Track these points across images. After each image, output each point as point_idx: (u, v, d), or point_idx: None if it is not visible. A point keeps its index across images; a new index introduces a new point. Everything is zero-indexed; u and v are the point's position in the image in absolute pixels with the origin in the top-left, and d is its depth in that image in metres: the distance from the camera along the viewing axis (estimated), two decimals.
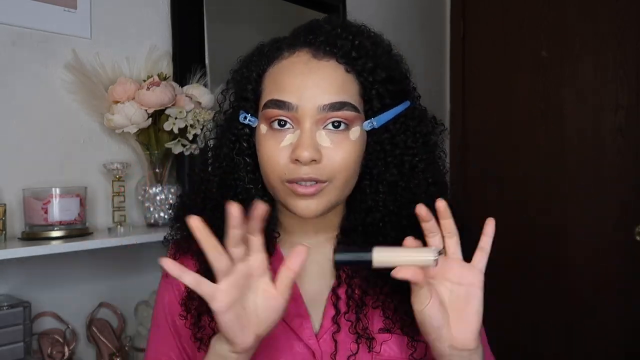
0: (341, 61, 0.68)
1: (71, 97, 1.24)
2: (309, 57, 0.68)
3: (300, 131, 0.66)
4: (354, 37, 0.69)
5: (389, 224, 0.70)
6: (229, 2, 1.52)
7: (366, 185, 0.71)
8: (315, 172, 0.66)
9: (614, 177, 1.98)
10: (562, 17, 2.09)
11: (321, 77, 0.67)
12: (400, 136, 0.71)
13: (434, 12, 2.37)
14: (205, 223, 0.65)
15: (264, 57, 0.71)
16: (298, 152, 0.65)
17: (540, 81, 2.15)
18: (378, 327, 0.71)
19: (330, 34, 0.69)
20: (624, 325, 1.95)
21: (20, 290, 1.16)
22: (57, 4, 1.21)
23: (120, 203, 1.25)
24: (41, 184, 1.15)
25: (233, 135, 0.73)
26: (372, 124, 0.69)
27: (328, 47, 0.68)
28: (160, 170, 1.29)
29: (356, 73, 0.69)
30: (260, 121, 0.70)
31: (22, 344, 1.06)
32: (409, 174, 0.71)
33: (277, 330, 0.69)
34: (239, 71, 0.75)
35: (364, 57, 0.68)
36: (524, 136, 2.19)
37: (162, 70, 1.31)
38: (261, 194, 0.72)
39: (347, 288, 0.71)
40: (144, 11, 1.37)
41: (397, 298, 0.69)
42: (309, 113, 0.66)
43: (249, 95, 0.72)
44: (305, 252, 0.59)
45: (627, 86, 1.96)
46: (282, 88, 0.67)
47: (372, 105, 0.70)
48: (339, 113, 0.66)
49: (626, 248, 1.93)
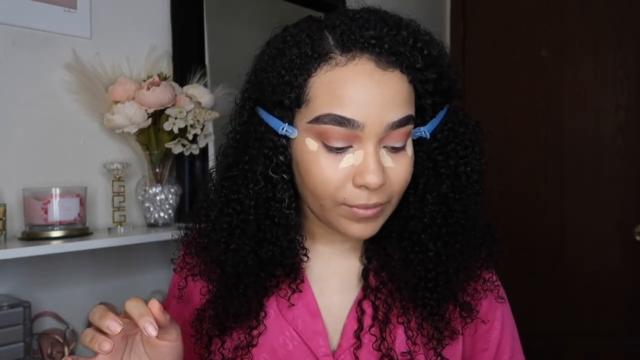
0: (405, 72, 0.60)
1: (71, 97, 1.24)
2: (372, 67, 0.59)
3: (363, 152, 0.59)
4: (421, 45, 0.61)
5: (430, 235, 0.65)
6: (229, 2, 1.52)
7: (410, 193, 0.65)
8: (379, 197, 0.60)
9: (614, 177, 1.98)
10: (562, 17, 2.09)
11: (389, 91, 0.59)
12: (450, 145, 0.65)
13: (434, 12, 2.37)
14: (231, 250, 0.65)
15: (310, 59, 0.60)
16: (366, 178, 0.58)
17: (540, 81, 2.15)
18: (400, 350, 0.67)
19: (394, 40, 0.60)
20: (624, 325, 1.95)
21: (20, 290, 1.16)
22: (57, 4, 1.21)
23: (120, 203, 1.25)
24: (41, 184, 1.15)
25: (267, 148, 0.62)
26: (422, 133, 0.64)
27: (394, 57, 0.59)
28: (160, 170, 1.29)
29: (418, 83, 0.62)
30: (307, 134, 0.60)
31: (22, 344, 1.06)
32: (463, 185, 0.66)
33: (292, 347, 0.67)
34: (274, 72, 0.61)
35: (431, 68, 0.61)
36: (524, 136, 2.19)
37: (162, 70, 1.31)
38: (295, 217, 0.65)
39: (373, 302, 0.67)
40: (144, 11, 1.37)
41: (422, 314, 0.66)
42: (377, 132, 0.58)
43: (287, 103, 0.60)
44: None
45: (627, 86, 1.96)
46: (344, 102, 0.58)
47: (423, 114, 0.63)
48: (404, 129, 0.60)
49: (626, 248, 1.93)
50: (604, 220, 1.99)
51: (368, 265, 0.70)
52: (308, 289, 0.70)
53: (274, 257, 0.65)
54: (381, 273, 0.69)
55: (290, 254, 0.66)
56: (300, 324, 0.68)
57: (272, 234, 0.64)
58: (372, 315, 0.67)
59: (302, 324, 0.68)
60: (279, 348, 0.68)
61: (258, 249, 0.65)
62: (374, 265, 0.69)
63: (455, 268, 0.66)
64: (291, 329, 0.68)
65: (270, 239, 0.64)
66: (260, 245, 0.65)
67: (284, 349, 0.68)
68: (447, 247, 0.65)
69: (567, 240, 2.05)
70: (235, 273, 0.66)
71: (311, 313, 0.69)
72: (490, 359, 0.73)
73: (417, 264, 0.65)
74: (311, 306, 0.69)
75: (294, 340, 0.68)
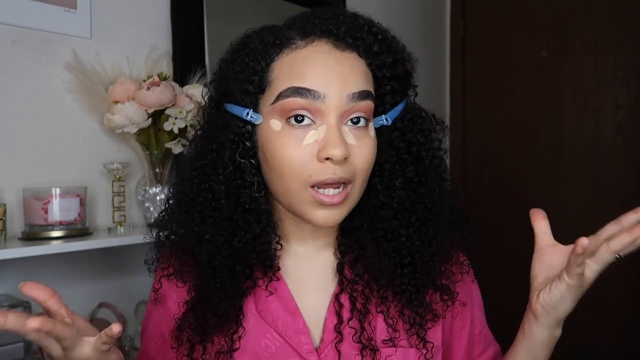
0: (362, 55, 0.64)
1: (71, 97, 1.24)
2: (330, 48, 0.63)
3: (326, 127, 0.61)
4: (376, 30, 0.65)
5: (400, 221, 0.67)
6: (229, 2, 1.52)
7: (377, 182, 0.67)
8: (344, 171, 0.61)
9: (614, 177, 1.98)
10: (562, 17, 2.09)
11: (347, 67, 0.62)
12: (410, 133, 0.68)
13: (434, 12, 2.37)
14: (205, 240, 0.65)
15: (271, 46, 0.63)
16: (330, 150, 0.59)
17: (540, 81, 2.15)
18: (381, 338, 0.68)
19: (351, 25, 0.64)
20: (623, 325, 1.95)
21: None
22: (57, 4, 1.21)
23: (120, 203, 1.25)
24: (41, 184, 1.15)
25: (233, 134, 0.64)
26: (384, 121, 0.67)
27: (351, 39, 0.63)
28: (160, 170, 1.29)
29: (376, 68, 0.65)
30: (270, 116, 0.63)
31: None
32: (426, 169, 0.68)
33: (275, 349, 0.68)
34: (237, 61, 0.65)
35: (386, 52, 0.65)
36: (524, 136, 2.19)
37: (162, 70, 1.31)
38: (265, 202, 0.67)
39: (351, 294, 0.68)
40: (144, 11, 1.37)
41: (401, 301, 0.68)
42: (337, 103, 0.60)
43: (250, 89, 0.63)
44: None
45: (627, 86, 1.96)
46: (304, 75, 0.61)
47: (383, 101, 0.66)
48: (364, 103, 0.62)
49: None
50: (604, 220, 1.98)
51: (342, 259, 0.71)
52: (286, 289, 0.70)
53: (248, 245, 0.66)
54: (356, 265, 0.69)
55: (263, 240, 0.67)
56: (281, 325, 0.69)
57: (244, 221, 0.65)
58: (350, 308, 0.68)
59: (283, 324, 0.69)
60: (261, 351, 0.68)
61: (231, 239, 0.65)
62: (349, 258, 0.70)
63: (431, 252, 0.68)
64: (272, 331, 0.69)
65: (243, 226, 0.65)
66: (233, 235, 0.65)
67: (266, 352, 0.68)
68: (419, 232, 0.67)
69: (567, 240, 2.04)
70: (210, 265, 0.66)
71: (291, 312, 0.69)
72: (467, 335, 0.76)
73: (391, 251, 0.67)
74: (290, 306, 0.69)
75: (276, 341, 0.68)
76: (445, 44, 2.42)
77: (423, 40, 2.27)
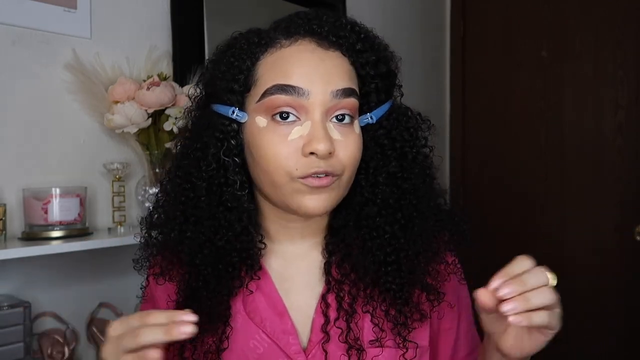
0: (346, 53, 0.66)
1: (71, 97, 1.24)
2: (314, 46, 0.64)
3: (310, 122, 0.62)
4: (359, 30, 0.67)
5: (385, 218, 0.67)
6: (229, 2, 1.52)
7: (362, 179, 0.68)
8: (329, 166, 0.62)
9: (614, 177, 1.98)
10: (562, 17, 2.09)
11: (330, 65, 0.64)
12: (395, 130, 0.69)
13: (434, 12, 2.37)
14: (187, 237, 0.65)
15: (257, 46, 0.65)
16: (314, 144, 0.60)
17: (540, 81, 2.15)
18: (369, 338, 0.68)
19: (334, 25, 0.66)
20: (624, 325, 1.95)
21: (20, 290, 1.16)
22: (57, 4, 1.21)
23: (120, 203, 1.25)
24: (41, 184, 1.15)
25: (218, 132, 0.65)
26: (369, 119, 0.67)
27: (334, 38, 0.65)
28: (160, 170, 1.29)
29: (359, 66, 0.66)
30: (256, 114, 0.64)
31: (22, 344, 1.06)
32: (410, 165, 0.69)
33: (263, 350, 0.68)
34: (223, 61, 0.66)
35: (369, 50, 0.66)
36: (524, 136, 2.19)
37: (162, 70, 1.31)
38: (248, 201, 0.67)
39: (337, 294, 0.68)
40: (144, 11, 1.37)
41: (386, 300, 0.67)
42: (321, 100, 0.62)
43: (236, 88, 0.64)
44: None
45: (627, 86, 1.96)
46: (289, 73, 0.62)
47: (368, 99, 0.68)
48: (348, 100, 0.64)
49: (626, 248, 1.93)
50: (603, 219, 1.99)
51: (330, 258, 0.71)
52: (274, 290, 0.70)
53: (230, 243, 0.66)
54: (343, 265, 0.70)
55: (244, 238, 0.67)
56: (269, 326, 0.69)
57: (225, 219, 0.66)
58: (336, 308, 0.68)
59: (271, 325, 0.69)
60: (249, 352, 0.68)
61: (213, 237, 0.66)
62: (336, 258, 0.70)
63: (416, 251, 0.67)
64: (260, 332, 0.69)
65: (224, 224, 0.66)
66: (215, 233, 0.66)
67: (254, 353, 0.68)
68: (404, 229, 0.67)
69: (567, 239, 2.05)
70: (192, 264, 0.67)
71: (278, 313, 0.69)
72: (453, 334, 0.76)
73: (375, 249, 0.67)
74: (278, 306, 0.70)
75: (264, 342, 0.68)
76: (445, 44, 2.42)
77: (423, 40, 2.27)
